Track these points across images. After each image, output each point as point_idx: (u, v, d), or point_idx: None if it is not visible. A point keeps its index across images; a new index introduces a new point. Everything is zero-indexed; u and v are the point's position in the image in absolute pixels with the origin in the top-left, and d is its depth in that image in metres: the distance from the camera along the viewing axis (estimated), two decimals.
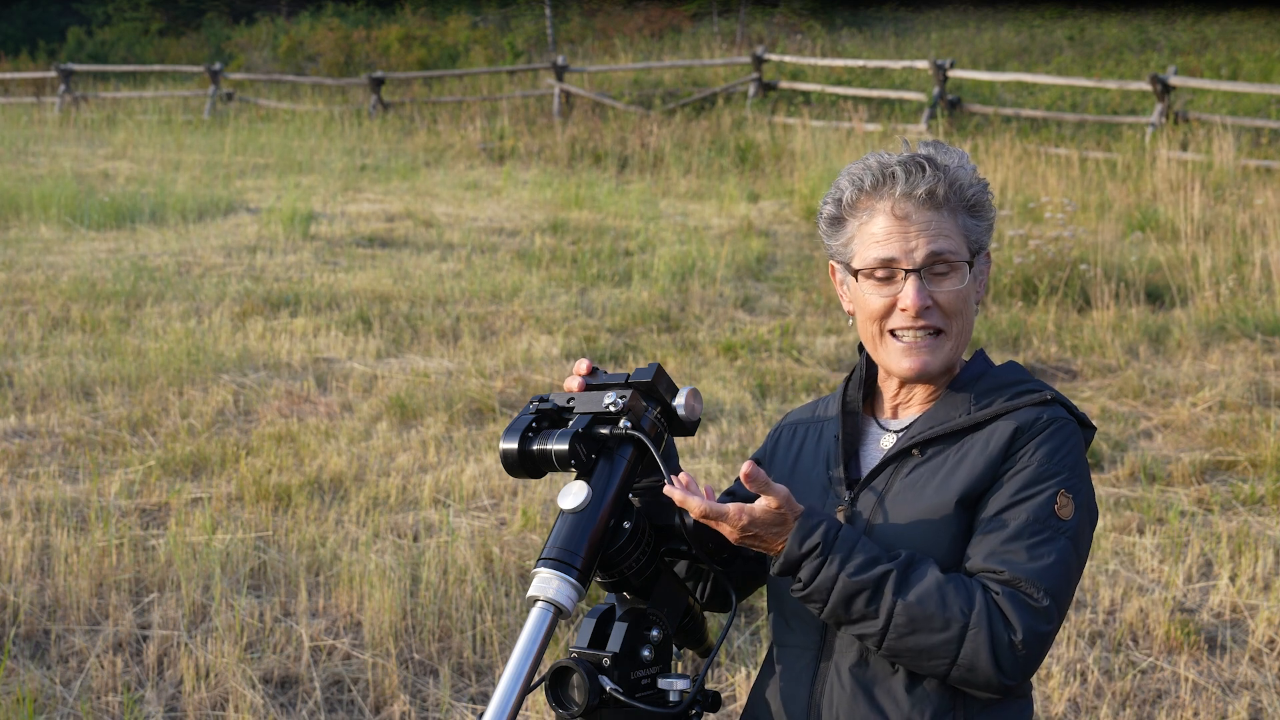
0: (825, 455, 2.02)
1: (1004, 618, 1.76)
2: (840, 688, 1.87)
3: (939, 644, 1.76)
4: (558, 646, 4.19)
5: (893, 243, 1.90)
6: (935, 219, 1.90)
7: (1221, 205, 11.82)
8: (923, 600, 1.75)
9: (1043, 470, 1.83)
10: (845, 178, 1.96)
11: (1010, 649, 1.75)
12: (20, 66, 30.06)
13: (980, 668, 1.75)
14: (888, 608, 1.76)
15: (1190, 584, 4.91)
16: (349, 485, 5.83)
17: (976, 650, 1.74)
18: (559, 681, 1.77)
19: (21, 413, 6.81)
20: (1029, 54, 26.51)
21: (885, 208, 1.91)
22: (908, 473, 1.91)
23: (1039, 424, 1.87)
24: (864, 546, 1.80)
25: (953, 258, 1.90)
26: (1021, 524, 1.80)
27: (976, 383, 1.96)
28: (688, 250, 10.71)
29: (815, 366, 7.79)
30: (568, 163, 16.97)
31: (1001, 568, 1.79)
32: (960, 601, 1.76)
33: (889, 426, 2.01)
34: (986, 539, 1.82)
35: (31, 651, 4.40)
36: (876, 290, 1.93)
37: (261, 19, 37.20)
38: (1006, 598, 1.76)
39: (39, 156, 17.30)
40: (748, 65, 21.51)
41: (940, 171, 1.91)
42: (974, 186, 1.94)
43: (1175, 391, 7.25)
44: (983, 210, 1.96)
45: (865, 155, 1.97)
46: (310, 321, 8.66)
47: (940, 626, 1.75)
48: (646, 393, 1.88)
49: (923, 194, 1.89)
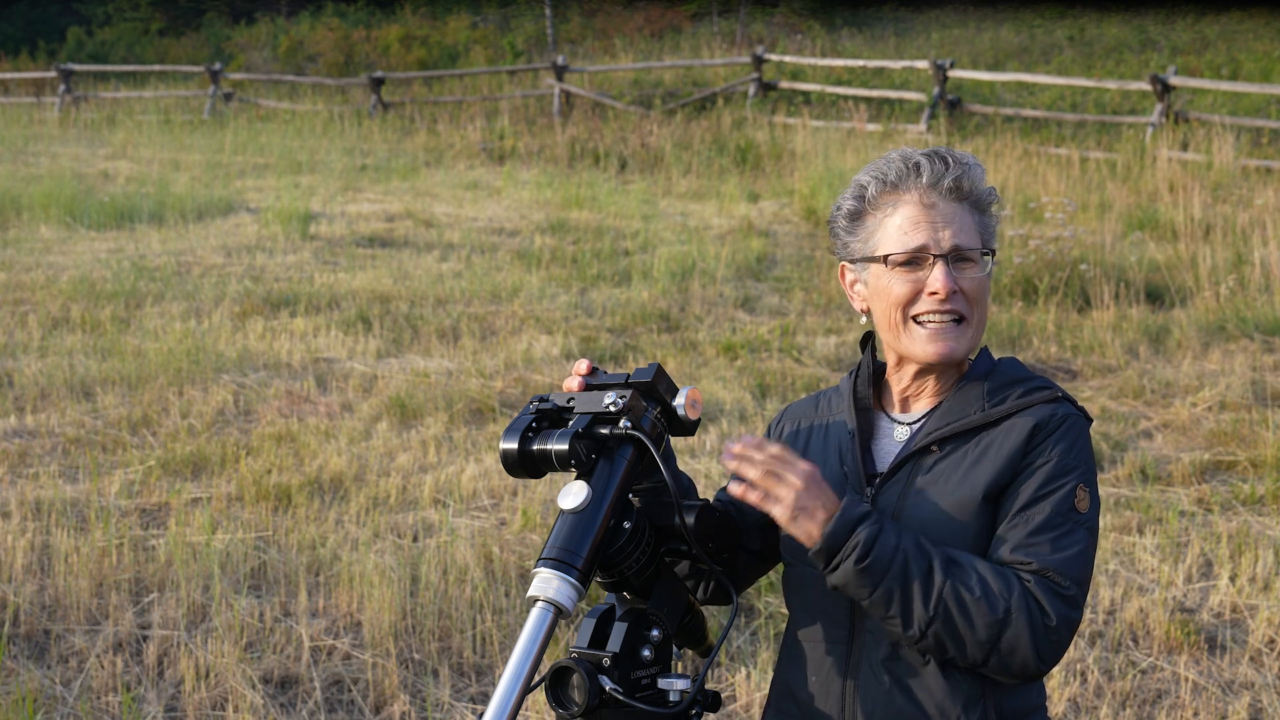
0: (837, 451, 2.04)
1: (1039, 604, 1.81)
2: (876, 681, 1.90)
3: (983, 628, 1.79)
4: (558, 646, 4.19)
5: (921, 230, 1.95)
6: (958, 210, 1.97)
7: (1221, 205, 11.83)
8: (969, 584, 1.80)
9: (1062, 465, 1.89)
10: (867, 174, 2.02)
11: (1046, 633, 1.80)
12: (20, 66, 30.06)
13: (1020, 652, 1.80)
14: (938, 588, 1.79)
15: (1190, 584, 4.91)
16: (349, 485, 5.83)
17: (1018, 635, 1.79)
18: (559, 681, 1.77)
19: (21, 413, 6.81)
20: (1029, 54, 26.51)
21: (912, 198, 1.97)
22: (928, 469, 1.94)
23: (1054, 421, 1.92)
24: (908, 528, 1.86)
25: (974, 249, 1.97)
26: (1046, 518, 1.86)
27: (986, 379, 2.00)
28: (688, 250, 10.71)
29: (815, 366, 7.79)
30: (568, 163, 16.97)
31: (1030, 559, 1.84)
32: (1001, 586, 1.80)
33: (900, 420, 2.04)
34: (1013, 532, 1.87)
35: (31, 651, 4.40)
36: (903, 277, 1.96)
37: (261, 19, 37.20)
38: (1038, 585, 1.82)
39: (39, 156, 17.30)
40: (748, 65, 21.51)
41: (962, 166, 1.98)
42: (987, 189, 2.02)
43: (1175, 391, 7.25)
44: (992, 212, 2.04)
45: (889, 152, 2.03)
46: (310, 321, 8.66)
47: (985, 611, 1.79)
48: (646, 393, 1.88)
49: (949, 184, 1.96)
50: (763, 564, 2.12)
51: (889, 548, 1.79)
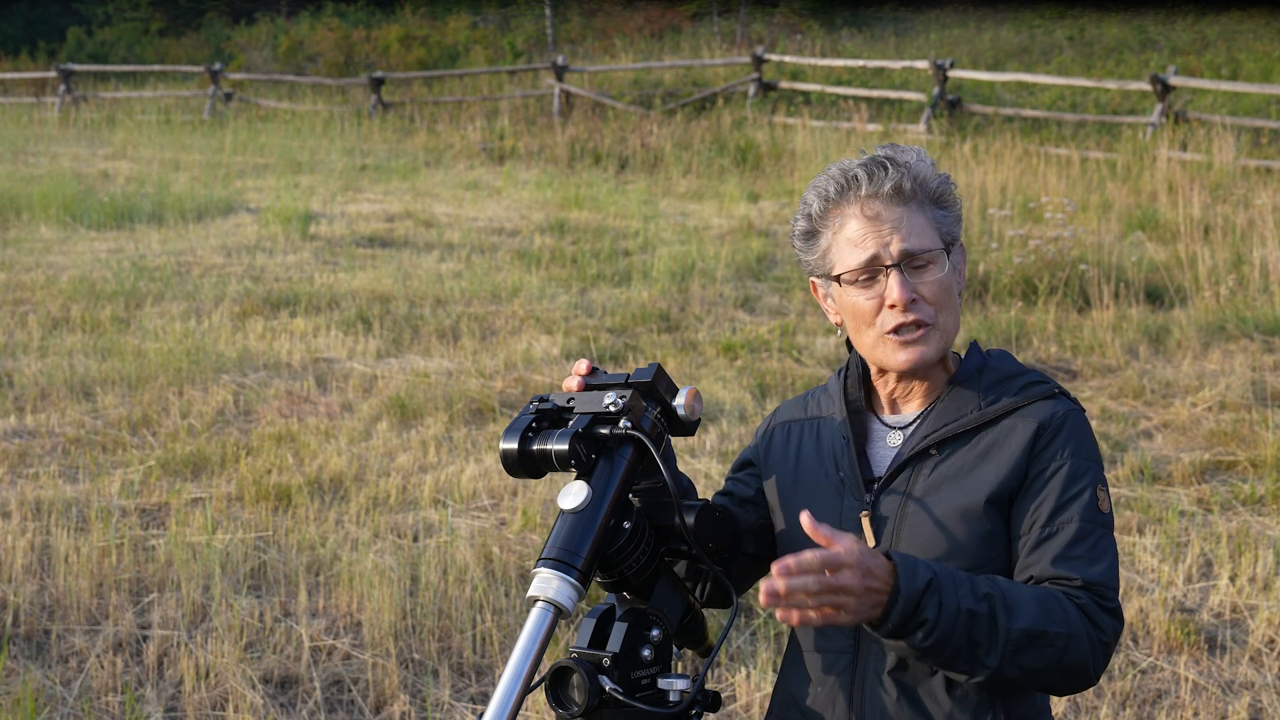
0: (831, 456, 2.02)
1: (1092, 622, 1.80)
2: (884, 691, 1.88)
3: (1049, 657, 1.77)
4: (558, 646, 4.19)
5: (868, 243, 1.92)
6: (905, 214, 1.92)
7: (1221, 205, 11.82)
8: (1033, 617, 1.76)
9: (1077, 468, 1.88)
10: (811, 191, 1.98)
11: (1101, 648, 1.81)
12: (20, 66, 30.06)
13: (1080, 670, 1.80)
14: (1003, 637, 1.75)
15: (1190, 584, 4.91)
16: (349, 485, 5.83)
17: (1080, 657, 1.78)
18: (559, 681, 1.77)
19: (21, 413, 6.81)
20: (1029, 54, 26.51)
21: (855, 211, 1.93)
22: (929, 473, 1.92)
23: (1055, 421, 1.90)
24: (950, 570, 1.77)
25: (927, 250, 1.92)
26: (1078, 528, 1.85)
27: (979, 376, 1.98)
28: (688, 250, 10.71)
29: (815, 366, 7.79)
30: (568, 163, 16.97)
31: (1074, 574, 1.82)
32: (1060, 613, 1.78)
33: (891, 423, 2.02)
34: (1048, 545, 1.84)
35: (31, 651, 4.40)
36: (862, 293, 1.94)
37: (261, 19, 37.20)
38: (1088, 603, 1.81)
39: (39, 156, 17.30)
40: (748, 65, 21.51)
41: (902, 168, 1.93)
42: (936, 179, 1.96)
43: (1175, 391, 7.25)
44: (948, 201, 1.98)
45: (828, 166, 2.00)
46: (310, 321, 8.66)
47: (1050, 641, 1.77)
48: (646, 393, 1.87)
49: (889, 190, 1.91)
50: (761, 566, 2.10)
51: (951, 613, 1.72)
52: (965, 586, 1.75)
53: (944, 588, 1.73)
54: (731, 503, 2.12)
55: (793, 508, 2.02)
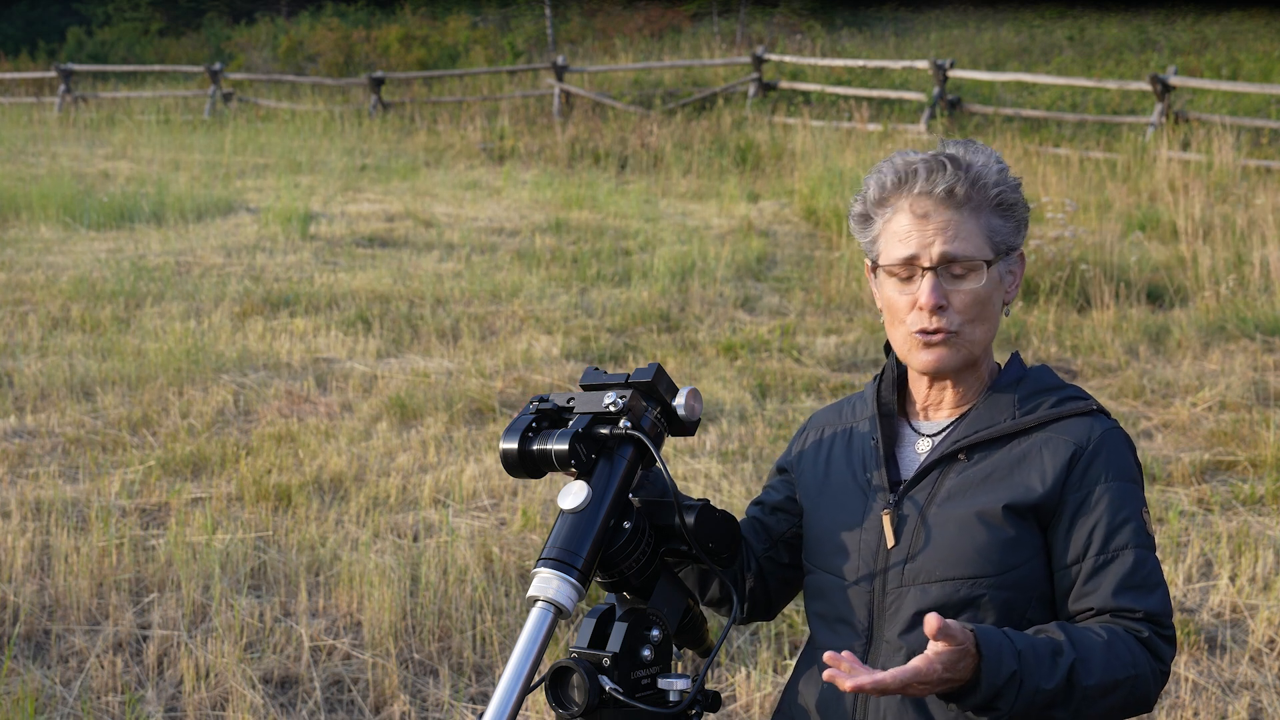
0: (860, 459, 2.01)
1: (1154, 654, 1.83)
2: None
3: (1115, 701, 1.80)
4: (558, 646, 4.19)
5: (911, 241, 1.90)
6: (955, 218, 1.89)
7: (1221, 205, 11.82)
8: (1104, 669, 1.78)
9: (1124, 491, 1.87)
10: (872, 176, 1.97)
11: (1162, 677, 1.83)
12: (20, 66, 30.06)
13: (1143, 703, 1.82)
14: (1079, 694, 1.77)
15: (1190, 584, 4.90)
16: (349, 485, 5.83)
17: (1145, 690, 1.81)
18: (559, 681, 1.77)
19: (21, 413, 6.81)
20: (1029, 54, 26.51)
21: (906, 205, 1.92)
22: (955, 477, 1.91)
23: (1094, 442, 1.89)
24: (1034, 644, 1.77)
25: (969, 260, 1.89)
26: (1135, 556, 1.85)
27: (1017, 386, 1.96)
28: (688, 250, 10.71)
29: (815, 366, 7.79)
30: (568, 163, 16.97)
31: (1136, 606, 1.83)
32: (1127, 656, 1.80)
33: (922, 430, 2.01)
34: (1105, 574, 1.85)
35: (31, 651, 4.40)
36: (899, 288, 1.93)
37: (261, 19, 37.20)
38: (1151, 635, 1.83)
39: (39, 156, 17.29)
40: (748, 65, 21.51)
41: (962, 170, 1.90)
42: (1001, 185, 1.92)
43: (1175, 391, 7.25)
44: (1012, 210, 1.94)
45: (894, 154, 1.97)
46: (310, 321, 8.66)
47: (1119, 687, 1.79)
48: (646, 393, 1.87)
49: (942, 192, 1.89)
50: (797, 575, 2.10)
51: (1029, 695, 1.73)
52: (1047, 664, 1.74)
53: (1025, 676, 1.73)
54: (763, 511, 2.13)
55: (820, 511, 2.03)
